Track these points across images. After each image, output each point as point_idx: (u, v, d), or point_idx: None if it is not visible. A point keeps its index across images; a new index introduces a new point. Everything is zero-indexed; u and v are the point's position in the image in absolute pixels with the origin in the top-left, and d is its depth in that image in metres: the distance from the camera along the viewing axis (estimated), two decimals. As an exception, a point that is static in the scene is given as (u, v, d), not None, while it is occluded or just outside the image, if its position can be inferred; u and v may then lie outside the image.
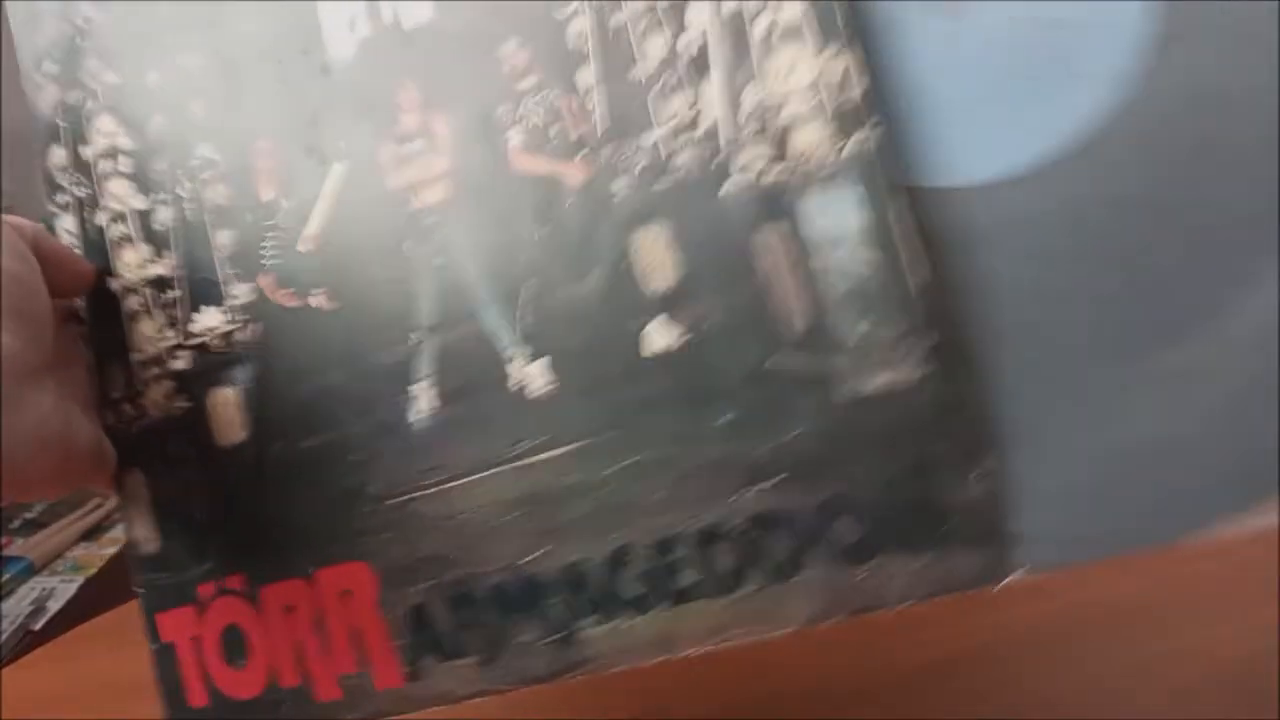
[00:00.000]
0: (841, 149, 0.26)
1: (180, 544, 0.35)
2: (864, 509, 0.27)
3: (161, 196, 0.36)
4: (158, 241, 0.36)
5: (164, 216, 0.36)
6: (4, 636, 0.71)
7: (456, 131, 0.31)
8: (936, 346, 0.26)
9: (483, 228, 0.31)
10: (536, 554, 0.30)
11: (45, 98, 0.38)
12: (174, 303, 0.36)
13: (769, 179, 0.27)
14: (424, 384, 0.31)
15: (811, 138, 0.26)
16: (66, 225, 0.37)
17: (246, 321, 0.34)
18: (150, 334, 0.36)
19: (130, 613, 0.56)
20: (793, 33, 0.27)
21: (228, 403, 0.35)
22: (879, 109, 0.26)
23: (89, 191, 0.37)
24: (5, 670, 0.53)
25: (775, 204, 0.27)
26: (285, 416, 0.33)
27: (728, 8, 0.28)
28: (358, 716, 0.32)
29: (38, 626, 0.70)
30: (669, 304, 0.28)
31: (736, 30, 0.27)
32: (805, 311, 0.26)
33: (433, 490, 0.31)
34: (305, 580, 0.33)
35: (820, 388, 0.27)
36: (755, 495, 0.27)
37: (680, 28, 0.28)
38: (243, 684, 0.34)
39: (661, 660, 0.29)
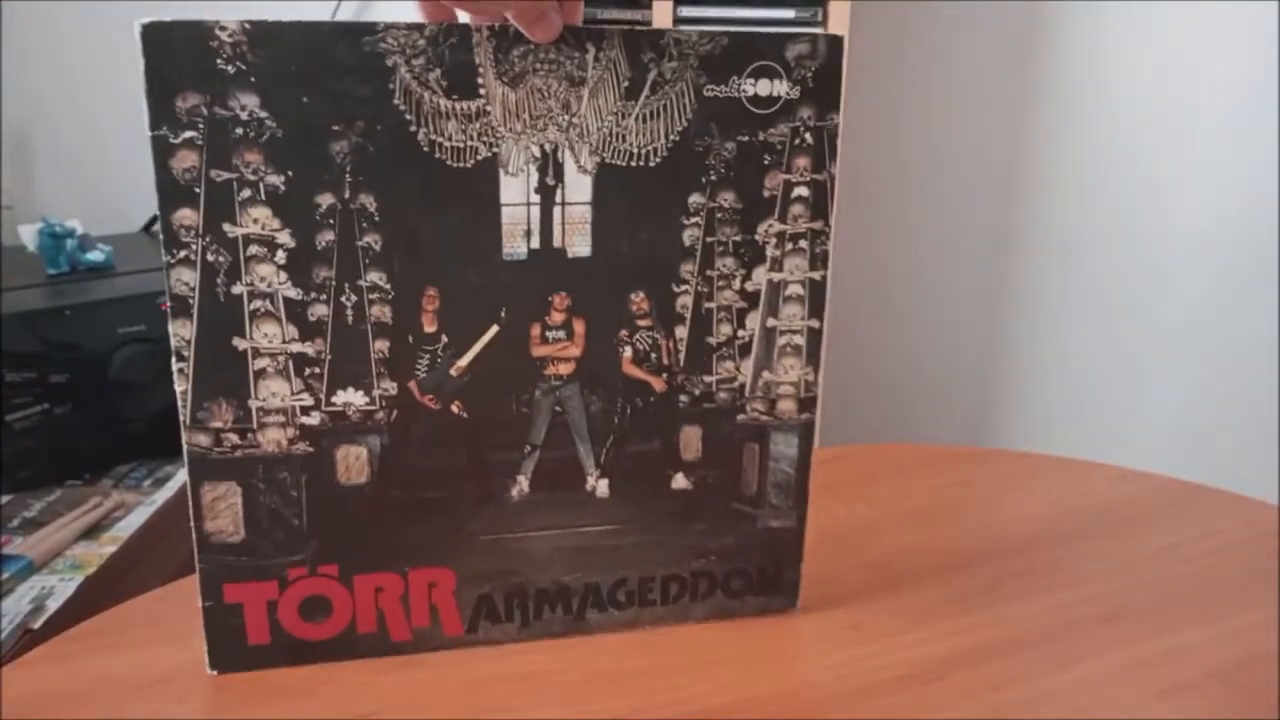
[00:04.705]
0: (800, 417, 0.52)
1: (267, 540, 0.48)
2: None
3: (319, 296, 0.45)
4: (306, 328, 0.45)
5: (318, 312, 0.45)
6: (4, 635, 0.62)
7: (591, 335, 0.48)
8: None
9: (592, 399, 0.49)
10: (573, 575, 0.52)
11: (181, 160, 0.42)
12: (316, 376, 0.46)
13: (762, 420, 0.52)
14: (524, 477, 0.50)
15: (789, 408, 0.52)
16: (184, 277, 0.44)
17: (388, 408, 0.47)
18: (277, 390, 0.46)
19: (130, 612, 0.59)
20: (797, 350, 0.51)
21: (358, 456, 0.48)
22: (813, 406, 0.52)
23: (227, 260, 0.44)
24: (5, 669, 0.51)
25: (762, 432, 0.52)
26: (409, 473, 0.49)
27: (771, 323, 0.50)
28: (424, 649, 0.52)
29: (37, 625, 0.70)
30: (692, 468, 0.52)
31: (770, 341, 0.50)
32: (758, 485, 0.53)
33: (519, 535, 0.51)
34: (399, 575, 0.50)
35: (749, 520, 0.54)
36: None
37: (743, 326, 0.50)
38: (318, 631, 0.50)
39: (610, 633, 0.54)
